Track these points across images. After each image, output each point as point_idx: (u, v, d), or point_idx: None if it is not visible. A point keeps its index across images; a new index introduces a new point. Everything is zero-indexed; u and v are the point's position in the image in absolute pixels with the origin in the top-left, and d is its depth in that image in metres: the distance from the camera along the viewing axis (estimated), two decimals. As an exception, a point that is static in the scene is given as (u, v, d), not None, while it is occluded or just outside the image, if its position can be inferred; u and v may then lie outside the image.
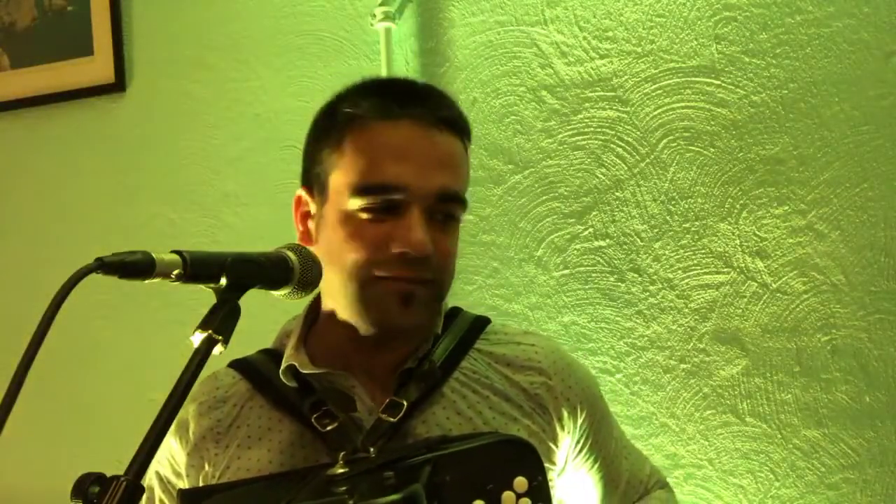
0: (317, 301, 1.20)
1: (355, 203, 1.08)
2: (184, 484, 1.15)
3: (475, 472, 1.01)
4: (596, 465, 1.24)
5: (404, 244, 1.06)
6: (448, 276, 1.14)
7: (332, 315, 1.14)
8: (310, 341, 1.17)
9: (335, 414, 1.09)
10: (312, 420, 1.09)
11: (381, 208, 1.08)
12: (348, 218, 1.09)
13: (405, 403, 1.09)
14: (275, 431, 1.13)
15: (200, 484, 1.13)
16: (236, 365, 1.21)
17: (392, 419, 1.08)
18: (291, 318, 1.22)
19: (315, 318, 1.19)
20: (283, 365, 1.13)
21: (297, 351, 1.14)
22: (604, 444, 1.25)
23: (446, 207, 1.11)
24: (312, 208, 1.15)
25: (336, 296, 1.12)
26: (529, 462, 1.04)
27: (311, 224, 1.15)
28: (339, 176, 1.10)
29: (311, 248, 1.09)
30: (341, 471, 1.01)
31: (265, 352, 1.21)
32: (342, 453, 1.04)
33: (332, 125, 1.13)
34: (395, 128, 1.09)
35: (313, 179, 1.15)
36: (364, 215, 1.08)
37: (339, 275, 1.10)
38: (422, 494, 0.94)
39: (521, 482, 1.02)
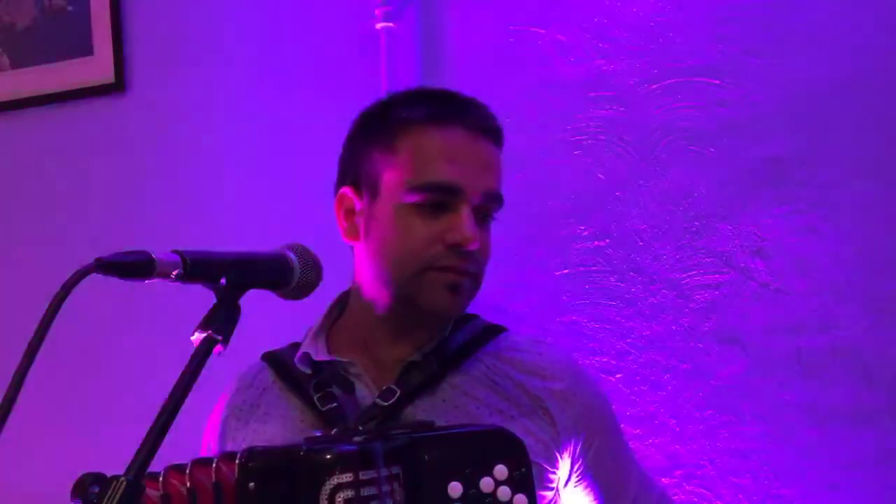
0: (343, 297, 1.30)
1: (411, 199, 1.17)
2: None
3: (455, 456, 1.04)
4: (598, 480, 1.25)
5: (458, 237, 1.16)
6: (486, 270, 1.23)
7: (367, 306, 1.23)
8: (335, 332, 1.27)
9: (336, 396, 1.18)
10: (315, 399, 1.18)
11: (434, 205, 1.16)
12: (403, 213, 1.17)
13: (398, 391, 1.16)
14: (288, 410, 1.23)
15: None
16: (265, 355, 1.32)
17: (384, 403, 1.15)
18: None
19: (341, 313, 1.29)
20: (299, 353, 1.23)
21: (314, 340, 1.24)
22: (608, 458, 1.26)
23: (489, 207, 1.21)
24: (359, 205, 1.22)
25: (383, 286, 1.20)
26: (513, 453, 1.07)
27: (356, 220, 1.23)
28: (393, 174, 1.18)
29: (358, 243, 1.22)
30: (319, 435, 1.09)
31: (292, 344, 1.30)
32: (334, 430, 1.11)
33: (384, 128, 1.22)
34: (448, 132, 1.19)
35: (361, 178, 1.22)
36: (417, 211, 1.17)
37: (391, 266, 1.18)
38: (376, 451, 0.99)
39: (501, 470, 1.05)
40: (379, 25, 1.84)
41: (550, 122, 1.76)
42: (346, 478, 0.96)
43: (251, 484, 0.99)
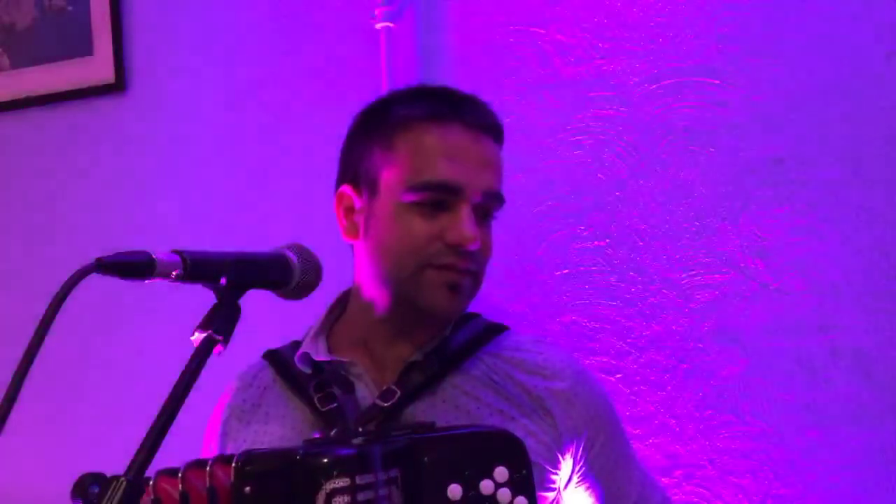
0: (343, 296, 1.29)
1: (410, 198, 1.16)
2: None
3: (454, 458, 1.04)
4: (600, 481, 1.25)
5: (458, 237, 1.15)
6: (486, 269, 1.23)
7: (367, 306, 1.22)
8: (336, 332, 1.27)
9: (336, 396, 1.17)
10: (315, 400, 1.18)
11: (433, 204, 1.16)
12: (402, 212, 1.16)
13: (398, 391, 1.16)
14: (288, 409, 1.23)
15: None
16: (267, 353, 1.31)
17: (384, 404, 1.14)
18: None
19: (341, 312, 1.28)
20: (299, 352, 1.22)
21: (314, 340, 1.23)
22: (610, 458, 1.25)
23: (489, 205, 1.20)
24: (358, 203, 1.22)
25: (382, 285, 1.20)
26: (514, 455, 1.06)
27: (356, 218, 1.22)
28: (392, 173, 1.17)
29: (358, 241, 1.21)
30: (318, 438, 1.08)
31: (293, 342, 1.29)
32: (333, 431, 1.10)
33: (383, 125, 1.20)
34: (447, 130, 1.18)
35: (360, 176, 1.21)
36: (417, 209, 1.16)
37: (390, 264, 1.18)
38: (373, 455, 0.99)
39: (501, 472, 1.04)
40: (379, 25, 1.84)
41: (550, 122, 1.76)
42: (343, 482, 0.95)
43: (247, 488, 0.97)
